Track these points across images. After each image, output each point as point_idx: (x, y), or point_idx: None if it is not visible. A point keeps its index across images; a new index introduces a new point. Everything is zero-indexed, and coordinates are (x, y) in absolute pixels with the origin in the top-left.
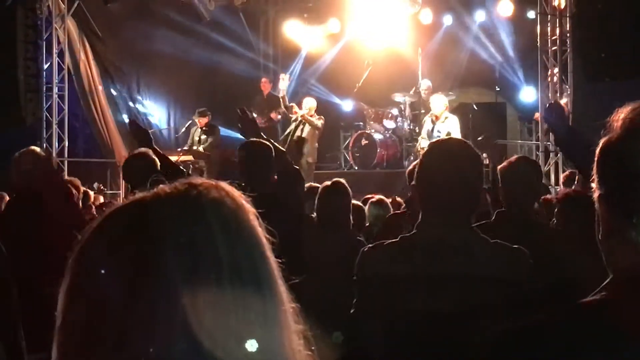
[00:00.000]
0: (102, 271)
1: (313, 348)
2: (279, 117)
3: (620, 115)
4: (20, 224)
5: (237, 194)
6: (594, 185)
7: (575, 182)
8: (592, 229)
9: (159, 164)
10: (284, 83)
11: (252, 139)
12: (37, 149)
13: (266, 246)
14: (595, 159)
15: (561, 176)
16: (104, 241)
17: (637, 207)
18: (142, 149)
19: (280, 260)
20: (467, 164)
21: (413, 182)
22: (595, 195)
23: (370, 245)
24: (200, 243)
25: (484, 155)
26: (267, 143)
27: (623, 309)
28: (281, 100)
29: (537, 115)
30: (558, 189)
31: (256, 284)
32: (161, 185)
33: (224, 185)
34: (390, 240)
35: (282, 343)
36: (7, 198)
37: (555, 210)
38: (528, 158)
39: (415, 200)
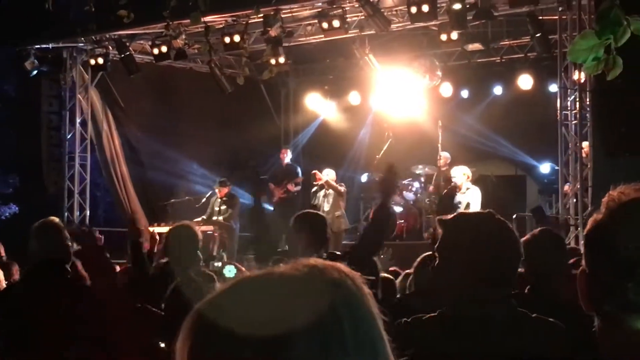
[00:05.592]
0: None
1: None
2: (297, 187)
3: (611, 196)
4: (40, 293)
5: (355, 274)
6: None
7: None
8: None
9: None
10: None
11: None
12: (57, 220)
13: (381, 325)
14: (584, 237)
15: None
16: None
17: (614, 287)
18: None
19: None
20: (509, 238)
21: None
22: (580, 270)
23: (405, 319)
24: (328, 324)
25: None
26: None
27: None
28: (298, 172)
29: (567, 187)
30: None
31: None
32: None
33: (342, 266)
34: (428, 315)
35: None
36: (17, 267)
37: None
38: (551, 231)
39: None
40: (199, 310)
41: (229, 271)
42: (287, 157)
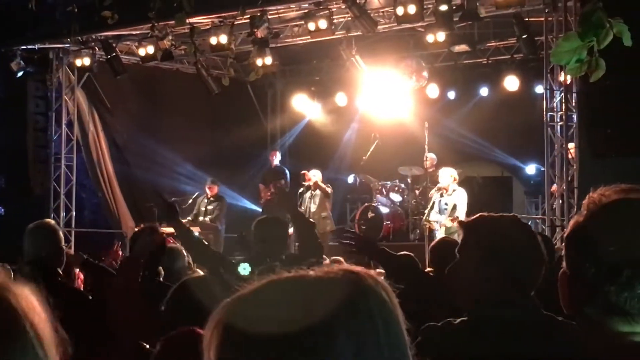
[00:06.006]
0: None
1: None
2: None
3: (592, 198)
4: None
5: (386, 284)
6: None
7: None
8: None
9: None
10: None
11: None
12: (52, 222)
13: (406, 333)
14: (565, 239)
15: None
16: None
17: (596, 289)
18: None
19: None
20: (531, 240)
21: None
22: (561, 272)
23: (434, 323)
24: (365, 328)
25: None
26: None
27: None
28: (287, 173)
29: (554, 187)
30: None
31: None
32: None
33: (375, 274)
34: (460, 319)
35: None
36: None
37: None
38: (540, 233)
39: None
40: (227, 307)
41: (244, 269)
42: (276, 158)
